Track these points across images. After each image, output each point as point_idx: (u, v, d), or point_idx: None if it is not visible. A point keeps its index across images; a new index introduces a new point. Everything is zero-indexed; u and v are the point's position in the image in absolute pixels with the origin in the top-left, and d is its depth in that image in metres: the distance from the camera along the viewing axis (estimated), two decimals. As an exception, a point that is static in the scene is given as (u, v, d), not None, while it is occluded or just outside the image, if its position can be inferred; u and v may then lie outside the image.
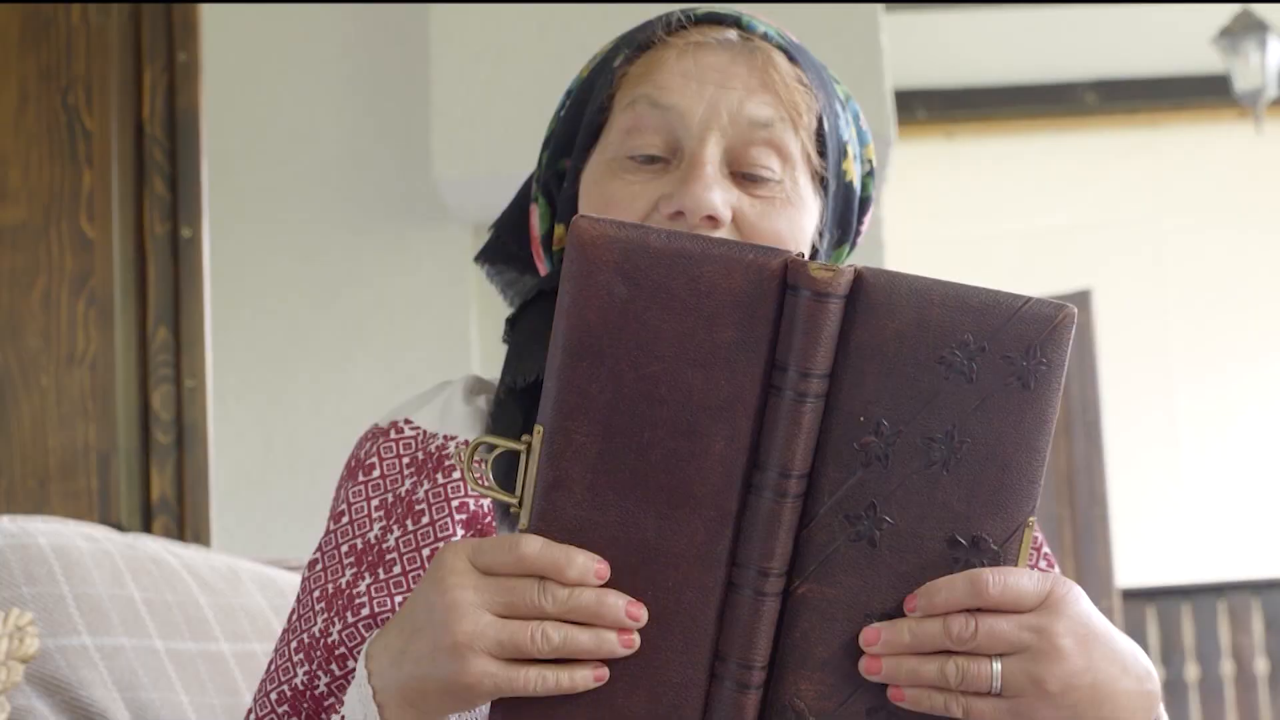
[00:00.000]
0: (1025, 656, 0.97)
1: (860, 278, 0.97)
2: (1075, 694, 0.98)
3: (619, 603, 0.96)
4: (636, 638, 0.97)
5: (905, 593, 0.98)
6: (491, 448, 1.05)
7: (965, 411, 0.97)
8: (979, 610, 0.97)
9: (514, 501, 0.99)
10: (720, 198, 1.18)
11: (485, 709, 1.08)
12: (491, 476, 1.05)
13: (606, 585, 0.97)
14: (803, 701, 0.98)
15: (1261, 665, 6.96)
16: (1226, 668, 6.96)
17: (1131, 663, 1.03)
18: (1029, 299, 0.97)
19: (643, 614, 0.97)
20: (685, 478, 0.97)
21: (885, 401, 0.97)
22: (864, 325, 0.96)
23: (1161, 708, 1.09)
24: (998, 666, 0.97)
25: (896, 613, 0.98)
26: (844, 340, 0.96)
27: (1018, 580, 0.97)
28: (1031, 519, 0.99)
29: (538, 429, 0.97)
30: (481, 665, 0.95)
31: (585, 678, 0.97)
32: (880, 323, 0.96)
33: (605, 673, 0.97)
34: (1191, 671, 6.96)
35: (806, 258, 1.25)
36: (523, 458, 0.98)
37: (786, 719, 0.98)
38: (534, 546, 0.96)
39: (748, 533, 0.97)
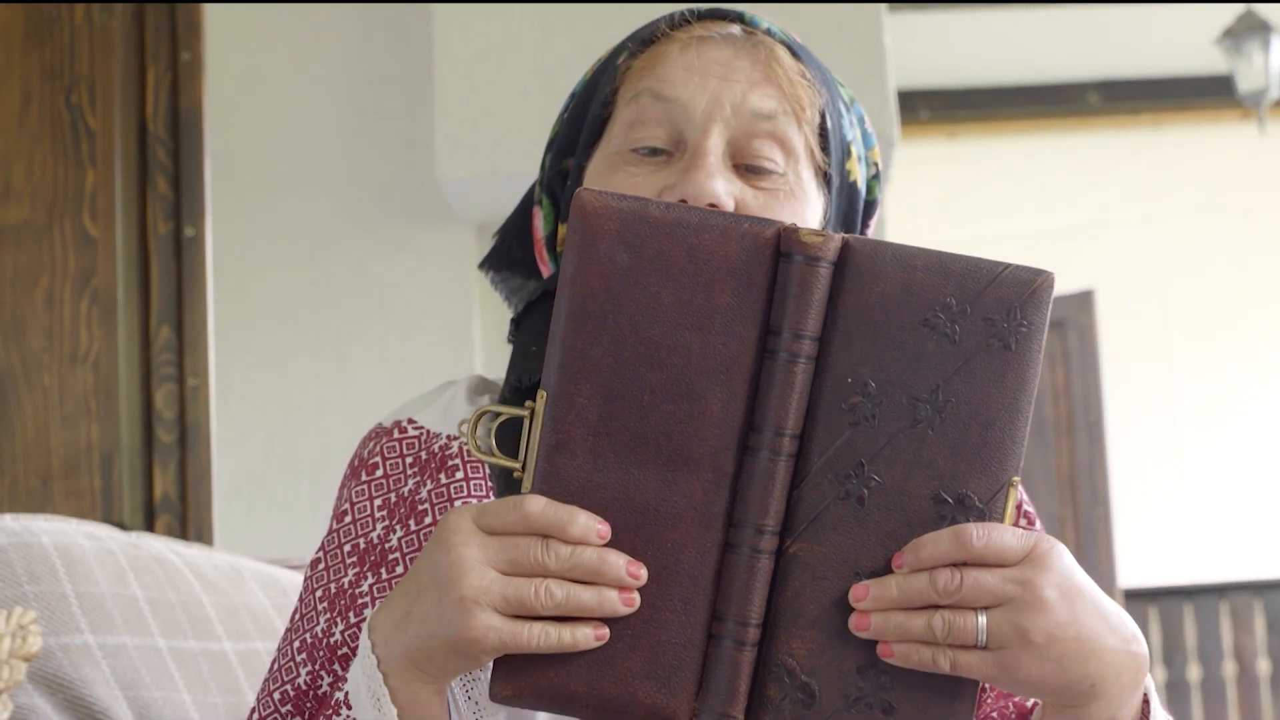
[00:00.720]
0: (1010, 608, 0.99)
1: (848, 245, 1.01)
2: (1060, 646, 0.99)
3: (620, 561, 0.99)
4: (637, 596, 0.99)
5: (893, 550, 1.00)
6: (495, 420, 1.07)
7: (949, 372, 1.00)
8: (964, 564, 0.99)
9: (517, 466, 1.02)
10: (723, 187, 1.18)
11: (487, 679, 1.08)
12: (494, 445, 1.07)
13: (607, 546, 0.99)
14: (795, 660, 1.00)
15: (1264, 666, 6.95)
16: (1229, 668, 6.96)
17: (1117, 622, 1.03)
18: (1009, 265, 1.01)
19: (643, 573, 0.99)
20: (684, 439, 1.00)
21: (872, 363, 1.00)
22: (851, 290, 1.00)
23: (1150, 680, 1.09)
24: (983, 620, 0.99)
25: (885, 570, 1.00)
26: (833, 305, 1.00)
27: (1002, 534, 0.99)
28: (1016, 479, 1.01)
29: (541, 394, 1.01)
30: (487, 619, 0.97)
31: (587, 636, 0.98)
32: (866, 287, 1.00)
33: (606, 632, 0.99)
34: (1194, 672, 6.96)
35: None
36: (526, 423, 1.02)
37: (779, 679, 1.00)
38: (538, 505, 0.98)
39: (744, 492, 1.00)
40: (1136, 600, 6.94)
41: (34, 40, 3.12)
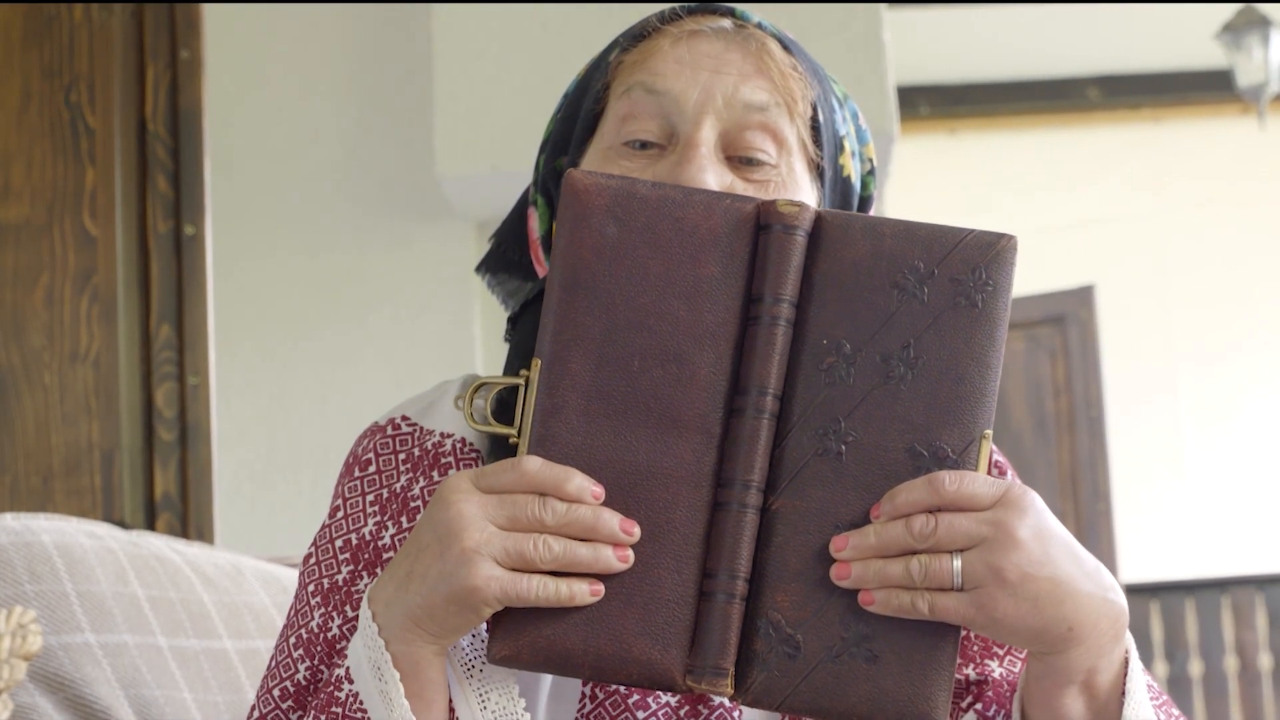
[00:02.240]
0: (984, 548, 1.02)
1: (820, 218, 1.07)
2: (1034, 585, 1.02)
3: (614, 519, 1.03)
4: (631, 553, 1.03)
5: (871, 502, 1.04)
6: (491, 391, 1.11)
7: (919, 330, 1.06)
8: (939, 510, 1.02)
9: (512, 433, 1.06)
10: (715, 179, 1.19)
11: (484, 647, 1.10)
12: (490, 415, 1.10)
13: (603, 505, 1.04)
14: (780, 614, 1.04)
15: (1265, 661, 6.95)
16: (1230, 663, 6.96)
17: (1093, 569, 1.05)
18: (973, 230, 1.07)
19: (636, 530, 1.03)
20: (673, 402, 1.05)
21: (846, 325, 1.06)
22: (825, 257, 1.06)
23: (1130, 637, 1.10)
24: (958, 563, 1.02)
25: (864, 521, 1.04)
26: (808, 272, 1.06)
27: (974, 480, 1.03)
28: (988, 432, 1.06)
29: (536, 361, 1.06)
30: (488, 569, 1.01)
31: (583, 590, 1.02)
32: (838, 254, 1.06)
33: (601, 588, 1.03)
34: (1195, 667, 6.96)
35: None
36: (521, 391, 1.06)
37: (765, 633, 1.04)
38: (534, 464, 1.03)
39: (731, 452, 1.05)
40: (1138, 595, 6.94)
41: (33, 39, 3.12)
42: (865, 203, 1.30)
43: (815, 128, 1.24)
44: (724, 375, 1.05)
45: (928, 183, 7.40)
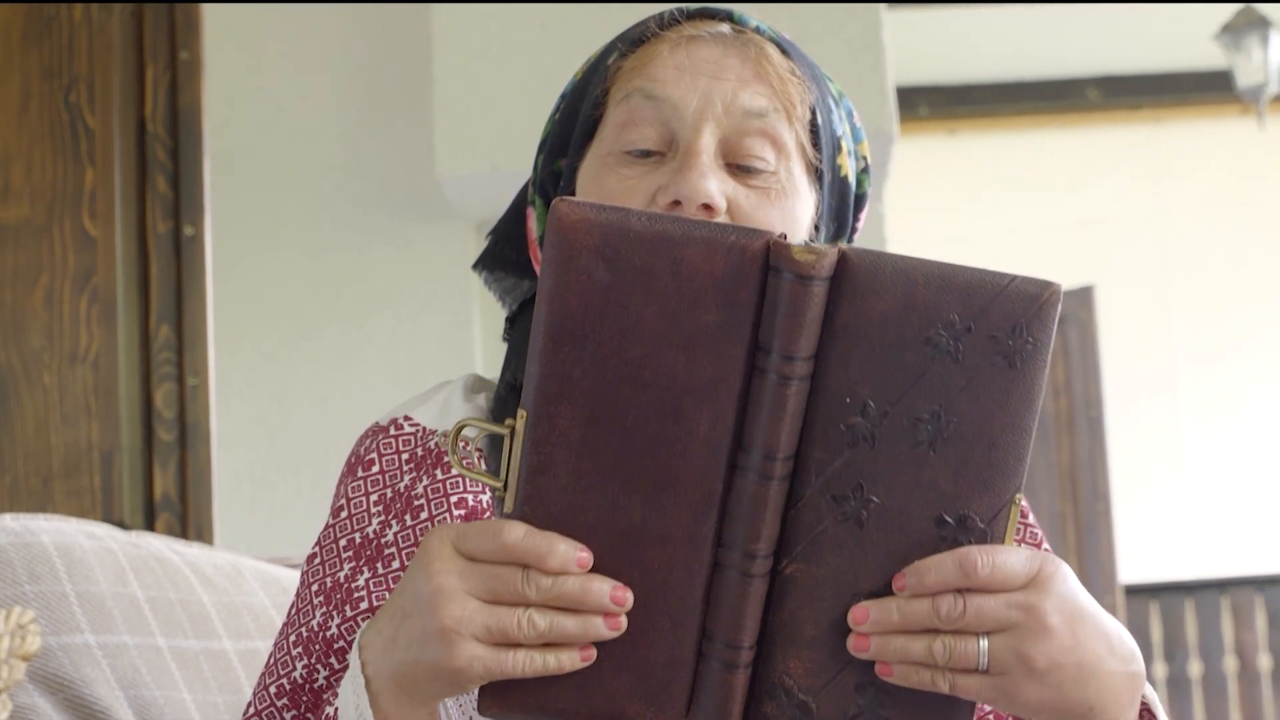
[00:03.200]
0: (1013, 634, 0.98)
1: (845, 259, 0.96)
2: (1061, 672, 0.99)
3: (604, 588, 0.97)
4: (623, 620, 0.97)
5: (893, 571, 0.98)
6: (485, 437, 1.04)
7: (952, 392, 0.97)
8: (967, 589, 0.98)
9: (498, 485, 0.99)
10: (716, 186, 1.19)
11: (475, 692, 1.08)
12: (477, 459, 1.05)
13: (593, 567, 0.97)
14: (792, 679, 0.98)
15: (1265, 661, 6.95)
16: (1230, 664, 6.96)
17: (1117, 643, 1.03)
18: (1014, 278, 0.98)
19: (628, 598, 0.97)
20: (670, 461, 0.97)
21: (871, 382, 0.97)
22: (849, 307, 0.96)
23: (1149, 688, 1.09)
24: (985, 644, 0.98)
25: (884, 590, 0.98)
26: (829, 321, 0.96)
27: (1006, 559, 0.98)
28: (1018, 495, 0.99)
29: (521, 413, 0.97)
30: (470, 649, 0.96)
31: (572, 659, 0.97)
32: (865, 304, 0.96)
33: (593, 653, 0.98)
34: (1195, 668, 6.96)
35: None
36: (506, 441, 0.99)
37: (776, 697, 0.98)
38: (516, 534, 0.96)
39: (733, 514, 0.97)
40: (1137, 596, 6.94)
41: (33, 39, 3.12)
42: (860, 200, 1.30)
43: (814, 130, 1.24)
44: (726, 433, 0.97)
45: (927, 183, 7.40)
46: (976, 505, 0.98)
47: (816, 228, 1.26)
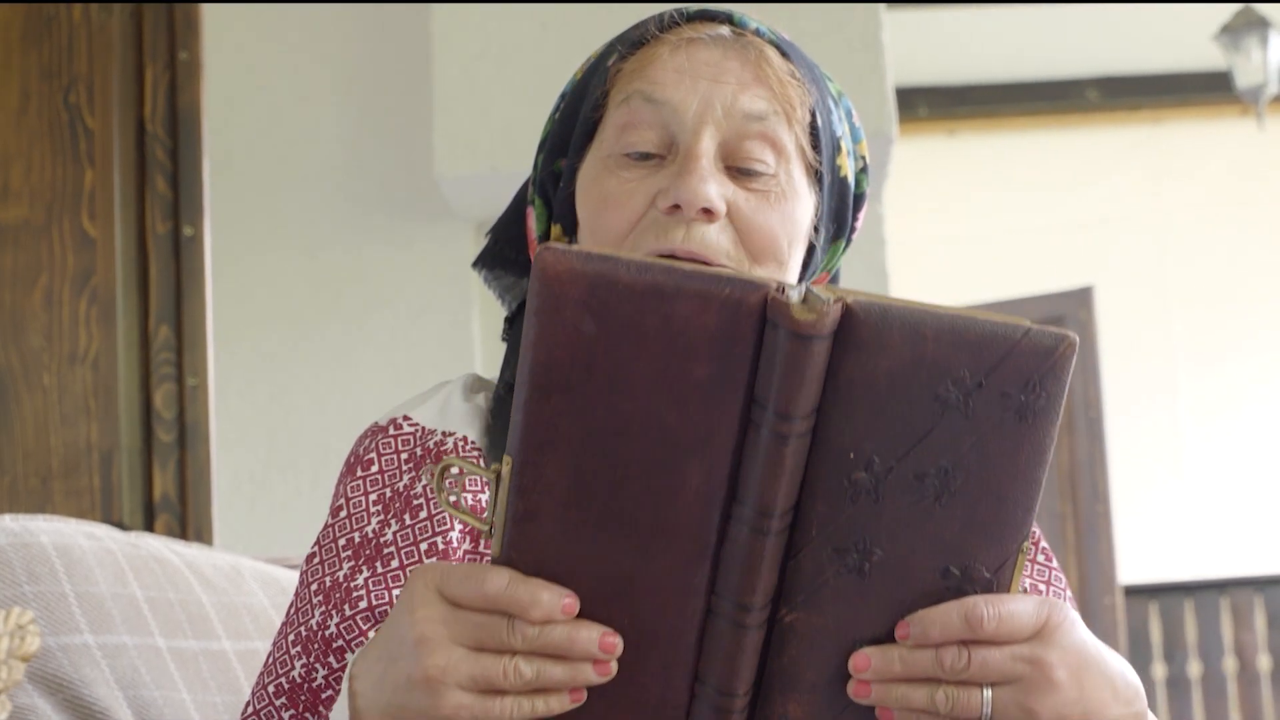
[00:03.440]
0: (1018, 687, 0.96)
1: (849, 313, 0.91)
2: None
3: (592, 635, 0.94)
4: (613, 666, 0.95)
5: (895, 619, 0.95)
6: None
7: (961, 447, 0.93)
8: (973, 641, 0.96)
9: (485, 528, 0.96)
10: (716, 190, 1.19)
11: None
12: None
13: (582, 611, 0.94)
14: None
15: (1264, 662, 6.95)
16: (1229, 664, 6.96)
17: (1121, 686, 1.01)
18: (1028, 330, 0.92)
19: (618, 644, 0.94)
20: (661, 512, 0.93)
21: (877, 438, 0.93)
22: (854, 362, 0.91)
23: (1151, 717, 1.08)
24: (989, 694, 0.96)
25: (886, 638, 0.96)
26: (832, 376, 0.92)
27: (1013, 610, 0.96)
28: (1026, 545, 0.96)
29: (507, 459, 0.93)
30: (456, 698, 0.94)
31: (561, 702, 0.95)
32: (872, 360, 0.91)
33: (583, 695, 0.95)
34: (1194, 668, 6.96)
35: (801, 252, 1.26)
36: (492, 486, 0.95)
37: None
38: (499, 584, 0.93)
39: (728, 565, 0.94)
40: (1137, 596, 6.94)
41: (32, 39, 3.12)
42: (859, 200, 1.31)
43: (813, 132, 1.24)
44: (719, 484, 0.93)
45: (927, 184, 7.40)
46: (983, 556, 0.95)
47: (816, 229, 1.26)
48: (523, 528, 0.94)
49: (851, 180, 1.29)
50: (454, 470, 0.99)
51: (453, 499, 1.11)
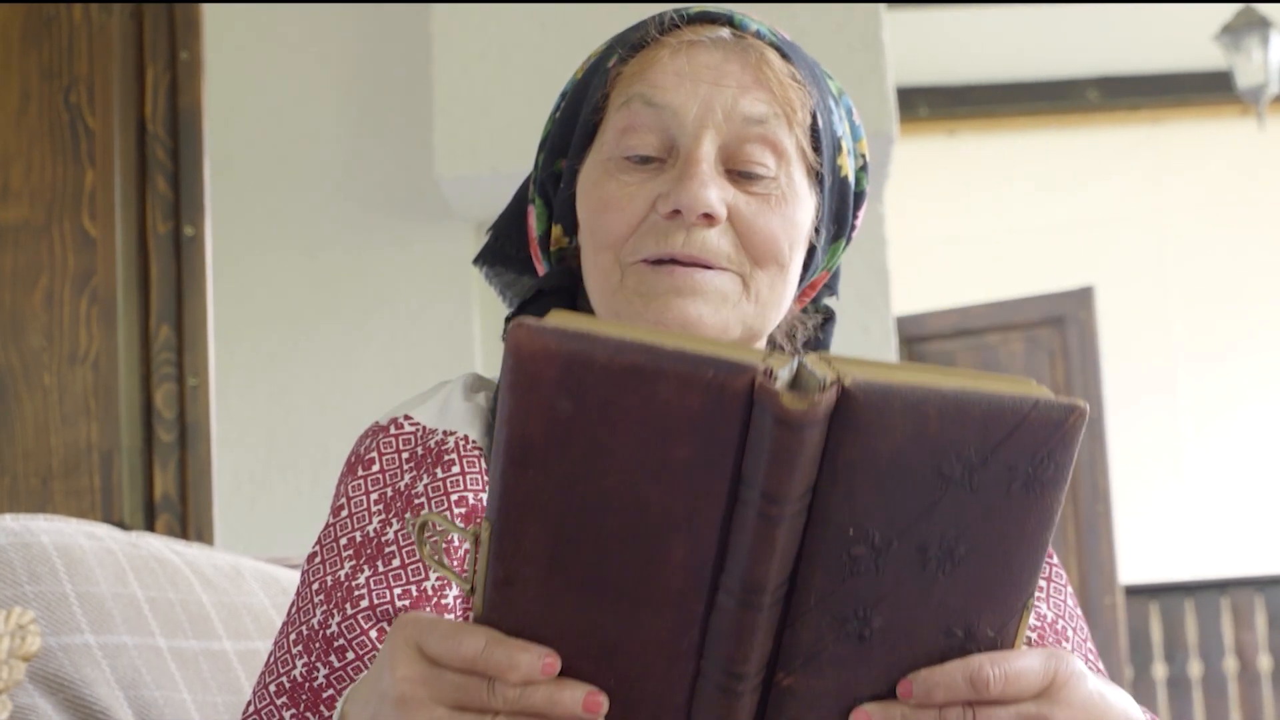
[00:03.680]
0: None
1: (848, 396, 0.86)
2: None
3: (576, 696, 0.90)
4: None
5: (897, 677, 0.92)
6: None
7: (965, 520, 0.89)
8: (978, 702, 0.93)
9: (467, 586, 0.93)
10: (716, 195, 1.19)
11: None
12: (440, 549, 1.00)
13: (566, 670, 0.91)
14: None
15: (1265, 662, 6.96)
16: (1230, 664, 6.97)
17: None
18: (1036, 403, 0.88)
19: (603, 704, 0.91)
20: (645, 581, 0.89)
21: (878, 515, 0.89)
22: (852, 445, 0.87)
23: None
24: None
25: (888, 694, 0.93)
26: (828, 457, 0.87)
27: (1019, 668, 0.93)
28: (1031, 600, 0.94)
29: (485, 524, 0.90)
30: None
31: None
32: (872, 442, 0.87)
33: None
34: (1195, 668, 6.96)
35: (802, 253, 1.25)
36: (472, 548, 0.92)
37: None
38: (475, 646, 0.90)
39: (717, 635, 0.90)
40: (1137, 596, 6.94)
41: (33, 40, 3.12)
42: (859, 198, 1.31)
43: (814, 134, 1.24)
44: (706, 561, 0.89)
45: (927, 184, 7.40)
46: (987, 616, 0.92)
47: (816, 230, 1.26)
48: (503, 591, 0.90)
49: (852, 179, 1.29)
50: (434, 525, 0.96)
51: (437, 532, 1.08)
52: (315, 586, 1.23)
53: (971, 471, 0.88)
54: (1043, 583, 1.27)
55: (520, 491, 0.88)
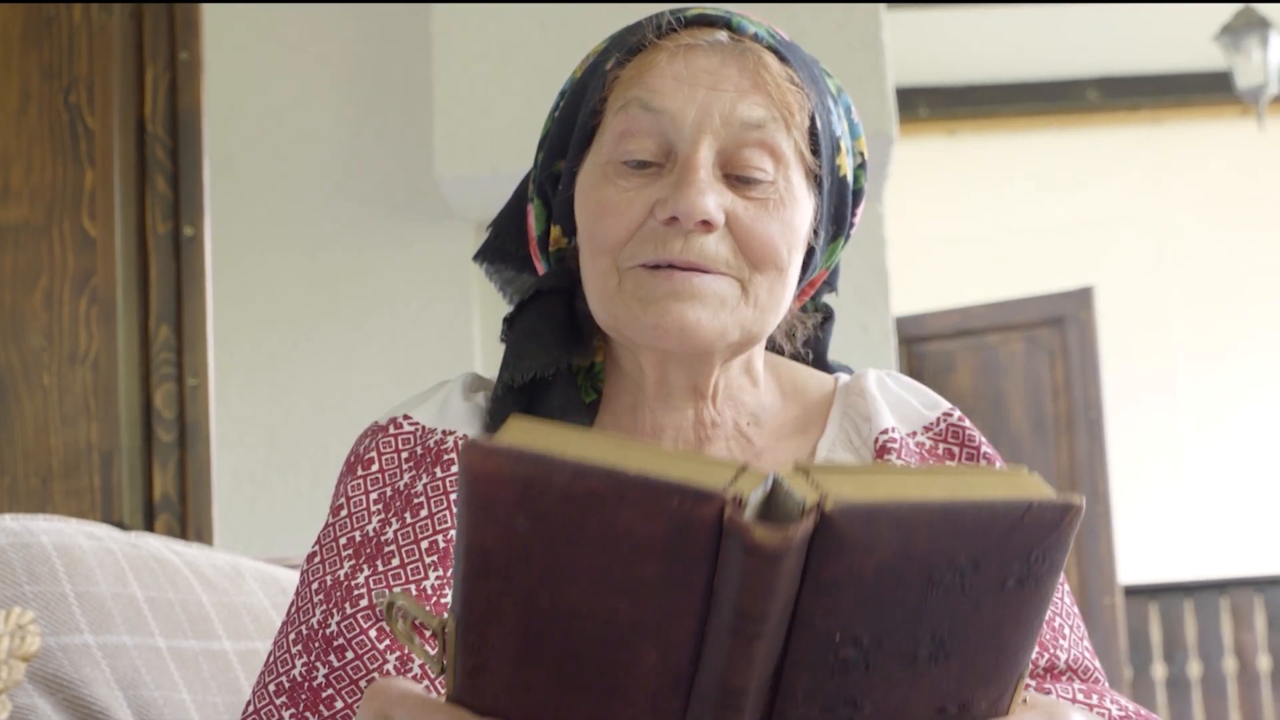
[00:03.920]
0: None
1: (829, 522, 0.80)
2: None
3: None
4: None
5: None
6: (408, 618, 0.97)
7: (957, 617, 0.86)
8: None
9: (438, 668, 0.91)
10: (714, 202, 1.19)
11: None
12: (412, 630, 0.99)
13: None
14: None
15: (1264, 662, 6.96)
16: (1229, 665, 6.96)
17: None
18: (1029, 506, 0.84)
19: None
20: (618, 681, 0.85)
21: (864, 621, 0.84)
22: (835, 564, 0.81)
23: None
24: None
25: None
26: (810, 574, 0.82)
27: None
28: (1026, 669, 0.92)
29: (450, 618, 0.87)
30: None
31: None
32: (856, 560, 0.82)
33: None
34: (1194, 668, 6.96)
35: (800, 256, 1.25)
36: (439, 635, 0.90)
37: None
38: None
39: None
40: (1137, 597, 6.94)
41: (32, 40, 3.12)
42: (857, 195, 1.31)
43: (813, 136, 1.24)
44: (682, 668, 0.84)
45: (927, 184, 7.40)
46: (982, 692, 0.89)
47: (815, 231, 1.26)
48: (473, 678, 0.88)
49: (850, 177, 1.29)
50: (401, 604, 0.95)
51: (406, 634, 1.06)
52: (315, 586, 1.23)
53: (963, 576, 0.84)
54: None
55: (480, 597, 0.85)
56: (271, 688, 1.20)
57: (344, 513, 1.26)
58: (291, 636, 1.22)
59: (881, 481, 0.83)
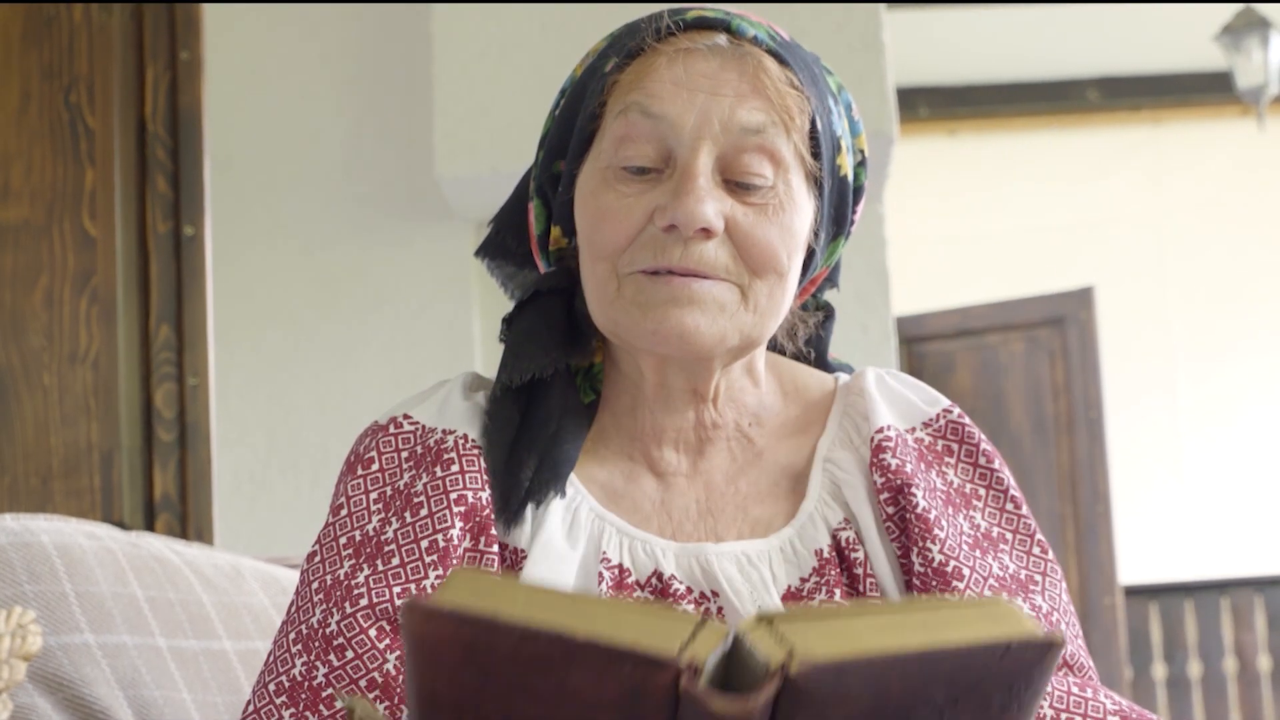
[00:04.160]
0: None
1: (794, 684, 0.75)
2: None
3: None
4: None
5: None
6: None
7: None
8: None
9: None
10: (713, 209, 1.19)
11: None
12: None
13: None
14: None
15: (1264, 662, 6.96)
16: (1229, 665, 6.96)
17: None
18: (1008, 646, 0.80)
19: None
20: None
21: None
22: (808, 713, 0.77)
23: None
24: None
25: None
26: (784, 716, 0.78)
27: None
28: None
29: None
30: None
31: None
32: (828, 713, 0.77)
33: None
34: (1194, 669, 6.96)
35: (800, 259, 1.25)
36: None
37: None
38: None
39: None
40: (1137, 597, 6.94)
41: (33, 39, 3.12)
42: (857, 193, 1.30)
43: (813, 138, 1.24)
44: None
45: (927, 184, 7.40)
46: None
47: (816, 234, 1.26)
48: None
49: (850, 176, 1.29)
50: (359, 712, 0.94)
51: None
52: (315, 585, 1.23)
53: (941, 712, 0.81)
54: (1038, 576, 1.27)
55: None
56: (271, 687, 1.20)
57: (344, 512, 1.26)
58: (291, 636, 1.22)
59: (851, 628, 0.78)
